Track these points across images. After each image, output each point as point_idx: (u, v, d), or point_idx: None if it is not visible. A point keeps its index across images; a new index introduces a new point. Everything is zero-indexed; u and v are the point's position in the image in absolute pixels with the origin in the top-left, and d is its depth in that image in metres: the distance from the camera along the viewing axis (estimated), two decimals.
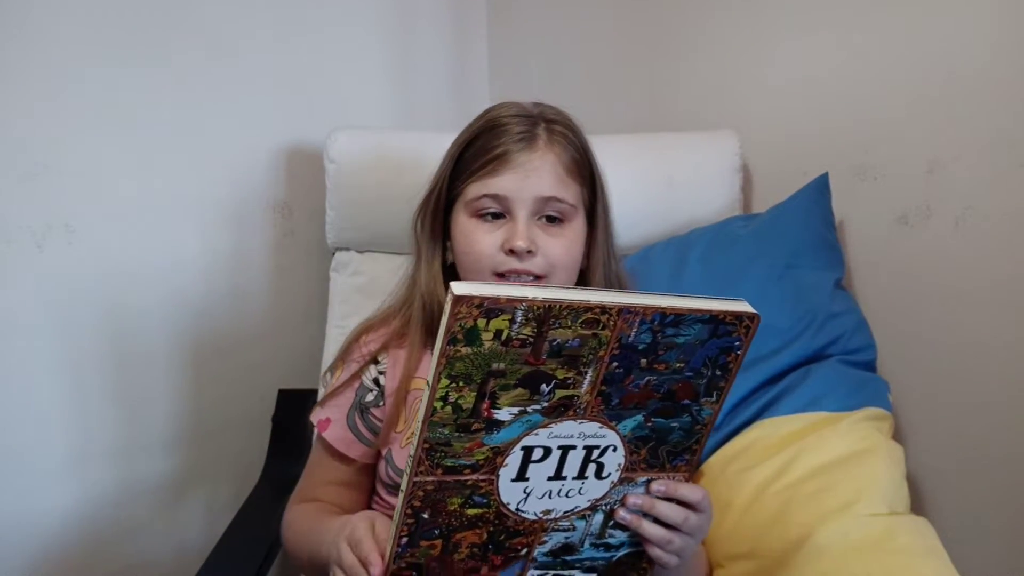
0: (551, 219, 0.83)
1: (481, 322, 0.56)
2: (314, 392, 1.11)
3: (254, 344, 1.28)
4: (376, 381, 0.88)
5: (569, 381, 0.61)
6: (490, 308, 0.56)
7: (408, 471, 0.61)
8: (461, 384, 0.59)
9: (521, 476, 0.64)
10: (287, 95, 1.27)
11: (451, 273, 0.87)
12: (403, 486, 0.62)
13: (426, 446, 0.60)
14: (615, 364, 0.61)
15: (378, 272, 1.18)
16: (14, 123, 1.03)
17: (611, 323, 0.59)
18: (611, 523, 0.68)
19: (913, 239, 1.05)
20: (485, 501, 0.64)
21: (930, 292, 1.03)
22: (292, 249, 1.30)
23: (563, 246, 0.82)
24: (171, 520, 1.23)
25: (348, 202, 1.17)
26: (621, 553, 0.69)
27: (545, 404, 0.61)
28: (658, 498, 0.68)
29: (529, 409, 0.61)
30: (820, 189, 1.07)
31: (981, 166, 0.98)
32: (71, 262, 1.09)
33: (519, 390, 0.60)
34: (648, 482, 0.67)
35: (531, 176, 0.81)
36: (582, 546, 0.68)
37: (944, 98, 1.01)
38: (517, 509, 0.65)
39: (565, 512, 0.66)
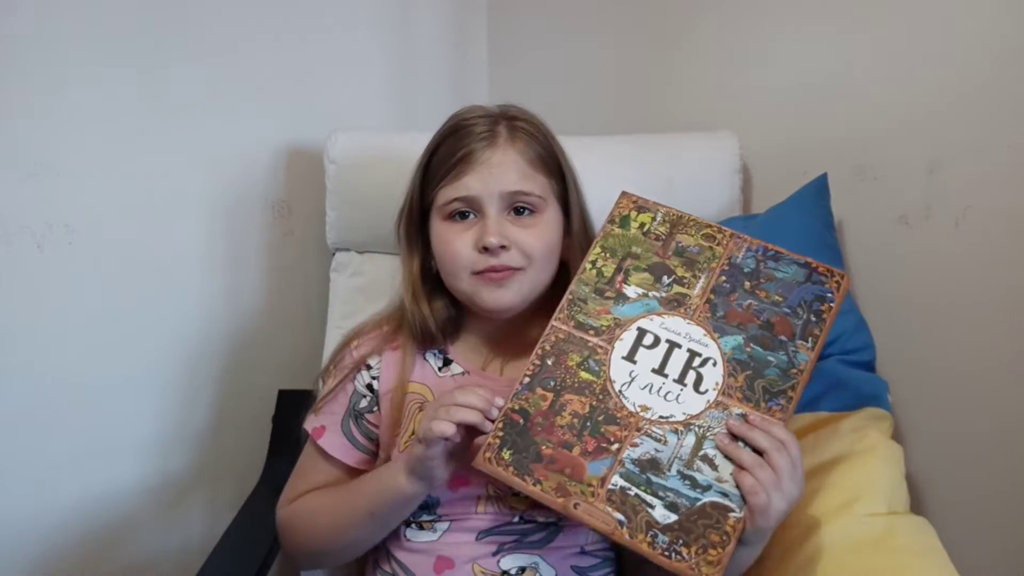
0: (520, 211, 0.84)
1: (633, 213, 0.80)
2: (314, 393, 1.11)
3: (254, 344, 1.28)
4: (370, 387, 0.88)
5: (685, 281, 0.76)
6: (641, 205, 0.81)
7: (554, 316, 0.76)
8: (607, 255, 0.78)
9: (631, 357, 0.74)
10: (287, 95, 1.27)
11: (436, 280, 0.88)
12: (546, 330, 0.76)
13: (570, 297, 0.77)
14: (723, 278, 0.76)
15: (378, 273, 1.18)
16: (14, 123, 1.03)
17: (725, 242, 0.77)
18: (701, 453, 0.69)
19: (913, 239, 1.05)
20: (597, 369, 0.74)
21: (930, 292, 1.03)
22: (292, 249, 1.30)
23: (536, 236, 0.83)
24: (171, 520, 1.23)
25: (348, 202, 1.17)
26: (706, 499, 0.68)
27: (663, 294, 0.76)
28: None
29: (650, 294, 0.76)
30: (819, 189, 1.07)
31: (981, 166, 0.98)
32: (71, 262, 1.09)
33: (646, 274, 0.77)
34: (743, 416, 0.71)
35: (495, 172, 0.82)
36: (669, 469, 0.69)
37: (944, 98, 1.01)
38: (620, 391, 0.73)
39: (661, 417, 0.71)
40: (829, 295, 0.74)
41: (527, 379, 0.74)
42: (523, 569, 0.80)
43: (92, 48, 1.08)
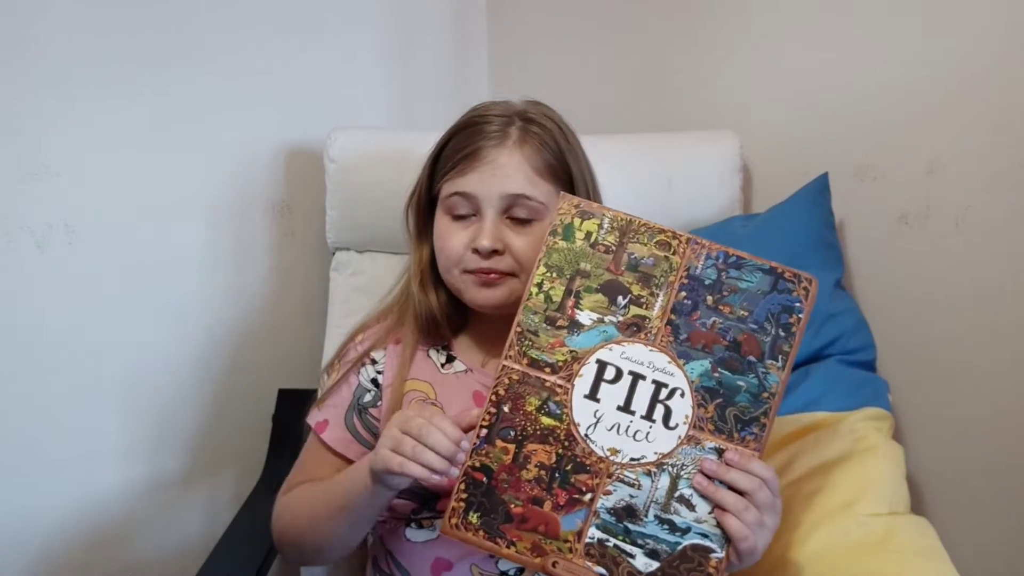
0: (520, 219, 0.82)
1: (577, 221, 0.71)
2: (314, 392, 1.11)
3: (254, 344, 1.28)
4: (374, 381, 0.88)
5: (642, 300, 0.70)
6: (584, 210, 0.71)
7: (503, 354, 0.69)
8: (554, 275, 0.70)
9: (593, 394, 0.69)
10: (287, 95, 1.27)
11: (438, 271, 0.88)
12: (498, 372, 0.69)
13: (518, 330, 0.70)
14: (683, 294, 0.70)
15: (378, 272, 1.18)
16: (15, 123, 1.03)
17: (681, 249, 0.70)
18: (677, 494, 0.67)
19: (913, 239, 1.05)
20: (559, 412, 0.69)
21: (930, 292, 1.03)
22: (292, 249, 1.30)
23: (531, 244, 0.81)
24: (171, 520, 1.23)
25: (348, 202, 1.17)
26: (686, 542, 0.67)
27: (620, 318, 0.69)
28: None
29: (606, 319, 0.70)
30: (820, 189, 1.07)
31: (981, 166, 0.98)
32: (71, 262, 1.09)
33: (599, 296, 0.70)
34: (717, 449, 0.68)
35: (497, 173, 0.81)
36: (646, 515, 0.67)
37: (944, 98, 1.01)
38: (586, 434, 0.68)
39: (632, 459, 0.68)
40: (797, 304, 0.69)
41: (484, 431, 0.68)
42: (521, 570, 0.80)
43: (92, 49, 1.08)
